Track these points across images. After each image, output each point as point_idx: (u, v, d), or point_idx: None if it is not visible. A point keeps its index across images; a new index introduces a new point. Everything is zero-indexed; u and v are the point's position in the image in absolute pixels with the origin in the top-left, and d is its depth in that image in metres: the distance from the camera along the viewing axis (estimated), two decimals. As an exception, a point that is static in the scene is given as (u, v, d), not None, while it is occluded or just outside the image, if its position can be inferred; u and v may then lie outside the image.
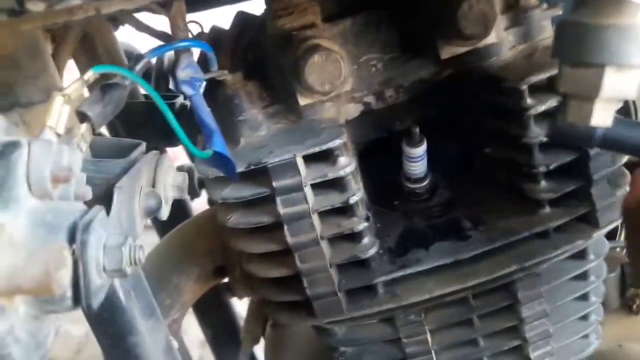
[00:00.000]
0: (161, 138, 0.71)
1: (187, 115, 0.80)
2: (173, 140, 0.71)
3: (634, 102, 0.69)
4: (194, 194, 0.95)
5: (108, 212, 0.39)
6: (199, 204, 0.93)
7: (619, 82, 0.40)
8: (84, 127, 0.38)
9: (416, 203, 0.64)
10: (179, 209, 0.92)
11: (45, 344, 0.34)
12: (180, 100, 0.77)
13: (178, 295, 0.70)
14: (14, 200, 0.30)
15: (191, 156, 0.97)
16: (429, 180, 0.64)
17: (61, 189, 0.34)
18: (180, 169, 0.92)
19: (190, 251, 0.71)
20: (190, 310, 1.04)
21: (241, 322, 0.95)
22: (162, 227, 0.92)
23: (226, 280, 0.72)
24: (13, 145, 0.31)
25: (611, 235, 0.88)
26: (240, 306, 1.02)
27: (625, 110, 0.60)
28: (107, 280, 0.35)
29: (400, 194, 0.65)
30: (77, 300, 0.33)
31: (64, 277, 0.30)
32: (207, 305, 0.94)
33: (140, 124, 0.76)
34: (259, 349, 0.94)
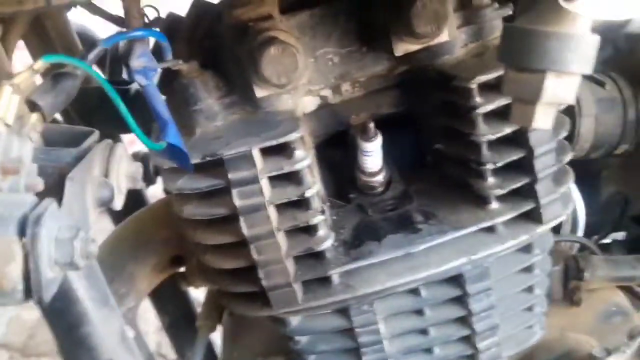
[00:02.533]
0: (116, 124, 0.70)
1: (143, 102, 0.80)
2: (128, 128, 0.70)
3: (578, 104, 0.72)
4: (149, 181, 0.94)
5: (60, 202, 0.39)
6: (155, 191, 0.93)
7: (558, 87, 0.42)
8: (34, 116, 0.38)
9: (371, 196, 0.66)
10: (134, 196, 0.90)
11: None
12: (135, 86, 0.76)
13: (133, 283, 0.70)
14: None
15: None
16: (384, 174, 0.65)
17: (11, 181, 0.34)
18: (136, 155, 0.91)
19: (146, 239, 0.70)
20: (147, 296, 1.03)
21: (198, 309, 0.95)
22: (117, 215, 0.90)
23: (183, 269, 0.72)
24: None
25: (556, 230, 0.93)
26: (197, 293, 1.02)
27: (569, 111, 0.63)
28: (59, 273, 0.35)
29: (355, 187, 0.66)
30: (28, 293, 0.33)
31: (14, 271, 0.30)
32: (164, 293, 0.94)
33: (94, 110, 0.74)
34: (216, 337, 0.95)
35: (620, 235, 1.01)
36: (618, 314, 0.82)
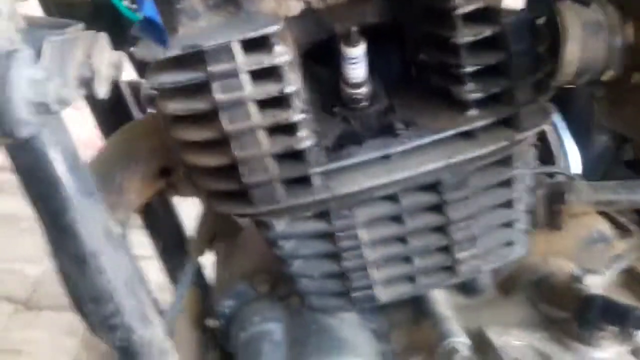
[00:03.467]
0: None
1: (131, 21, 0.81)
2: (119, 44, 0.71)
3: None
4: (142, 110, 0.96)
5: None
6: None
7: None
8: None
9: (355, 109, 0.67)
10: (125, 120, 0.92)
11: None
12: (126, 4, 0.77)
13: (122, 194, 0.72)
14: None
15: (140, 71, 0.98)
16: (368, 87, 0.66)
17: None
18: (130, 84, 0.92)
19: (134, 150, 0.72)
20: (150, 257, 1.05)
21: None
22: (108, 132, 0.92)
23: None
24: None
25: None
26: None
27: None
28: (36, 116, 0.37)
29: (340, 100, 0.67)
30: (1, 127, 0.34)
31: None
32: (156, 218, 0.97)
33: (86, 24, 0.75)
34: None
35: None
36: (600, 241, 0.84)
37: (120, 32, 0.80)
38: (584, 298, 0.73)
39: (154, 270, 1.12)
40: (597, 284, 0.77)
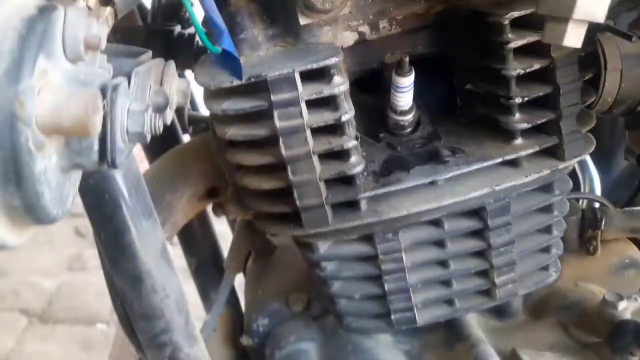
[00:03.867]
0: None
1: (183, 44, 0.84)
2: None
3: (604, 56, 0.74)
4: (184, 129, 0.98)
5: (126, 93, 0.42)
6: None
7: (590, 4, 0.45)
8: (108, 10, 0.41)
9: (400, 136, 0.69)
10: (171, 142, 0.95)
11: (66, 202, 0.38)
12: (178, 29, 0.80)
13: (170, 213, 0.74)
14: (53, 53, 0.34)
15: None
16: (414, 114, 0.68)
17: (90, 57, 0.38)
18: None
19: (185, 171, 0.74)
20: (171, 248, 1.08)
21: (224, 255, 1.00)
22: (153, 155, 0.95)
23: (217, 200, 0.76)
24: (51, 7, 0.34)
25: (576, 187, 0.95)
26: (223, 243, 1.06)
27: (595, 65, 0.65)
28: (129, 145, 0.39)
29: (386, 127, 0.69)
30: (102, 155, 0.36)
31: (99, 121, 0.33)
32: (193, 236, 0.98)
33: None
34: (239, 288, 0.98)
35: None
36: (631, 267, 0.85)
37: (171, 56, 0.83)
38: (616, 323, 0.74)
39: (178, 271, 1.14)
40: (629, 309, 0.79)
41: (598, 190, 1.13)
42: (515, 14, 0.58)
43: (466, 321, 0.79)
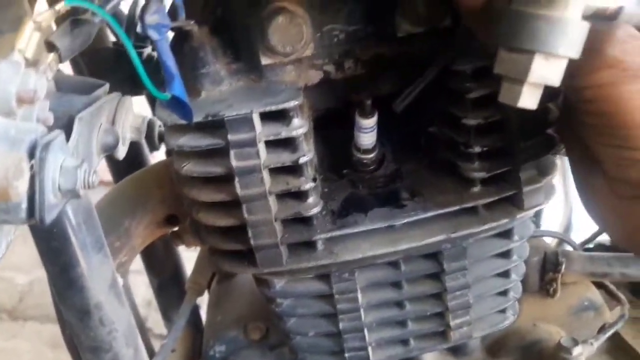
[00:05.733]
0: (127, 85, 0.73)
1: (152, 67, 0.82)
2: (138, 89, 0.73)
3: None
4: (153, 147, 0.97)
5: (67, 140, 0.41)
6: (158, 159, 0.96)
7: (545, 69, 0.45)
8: (51, 56, 0.40)
9: (363, 173, 0.69)
10: (139, 161, 0.94)
11: (-4, 252, 0.37)
12: (147, 50, 0.78)
13: (128, 238, 0.73)
14: (-21, 112, 0.33)
15: (152, 107, 0.99)
16: (377, 152, 0.68)
17: (24, 111, 0.37)
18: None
19: (144, 197, 0.73)
20: (139, 269, 1.07)
21: (188, 275, 0.98)
22: (119, 178, 0.93)
23: (176, 229, 0.75)
24: (-18, 62, 0.34)
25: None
26: (187, 261, 1.05)
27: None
28: (62, 200, 0.38)
29: (349, 163, 0.69)
30: (31, 213, 0.35)
31: (21, 186, 0.32)
32: (156, 255, 0.97)
33: (107, 69, 0.77)
34: (203, 308, 0.98)
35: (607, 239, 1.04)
36: (590, 309, 0.86)
37: (138, 80, 0.82)
38: (570, 369, 0.74)
39: (143, 285, 1.12)
40: (584, 354, 0.79)
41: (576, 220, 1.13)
42: (479, 62, 0.58)
43: (422, 359, 0.79)
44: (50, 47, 0.41)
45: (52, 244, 0.55)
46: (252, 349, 0.81)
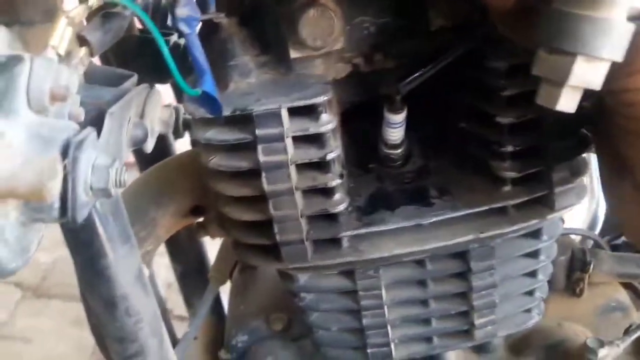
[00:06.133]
0: (152, 73, 0.72)
1: (178, 55, 0.82)
2: (163, 77, 0.72)
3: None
4: (177, 134, 0.96)
5: (98, 135, 0.41)
6: (182, 145, 0.96)
7: (587, 71, 0.43)
8: (83, 51, 0.40)
9: (390, 168, 0.68)
10: (163, 148, 0.94)
11: (28, 250, 0.37)
12: (174, 38, 0.78)
13: (153, 228, 0.73)
14: (14, 111, 0.32)
15: (179, 96, 0.99)
16: (405, 148, 0.67)
17: (57, 107, 0.36)
18: (167, 107, 0.94)
19: (170, 187, 0.73)
20: (160, 252, 1.08)
21: (211, 263, 0.99)
22: (144, 165, 0.94)
23: (201, 219, 0.75)
24: (16, 59, 0.33)
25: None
26: (211, 249, 1.06)
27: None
28: (93, 199, 0.38)
29: (376, 158, 0.68)
30: (63, 212, 0.35)
31: (55, 187, 0.32)
32: (180, 243, 0.98)
33: (133, 57, 0.76)
34: (224, 295, 0.98)
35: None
36: (618, 310, 0.84)
37: (164, 68, 0.82)
38: (596, 370, 0.73)
39: (163, 267, 1.13)
40: (610, 356, 0.78)
41: (602, 217, 1.11)
42: (514, 60, 0.56)
43: (445, 357, 0.78)
44: (83, 41, 0.40)
45: (80, 235, 0.56)
46: (275, 340, 0.81)
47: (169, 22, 0.42)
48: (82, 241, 0.56)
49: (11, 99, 0.32)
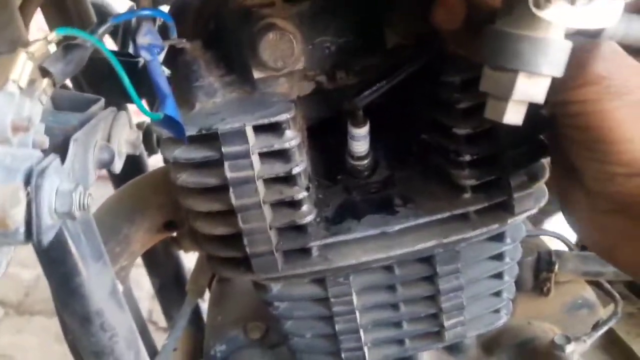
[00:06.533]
0: (123, 94, 0.74)
1: (148, 75, 0.83)
2: (136, 93, 0.74)
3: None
4: (151, 151, 0.98)
5: (63, 161, 0.43)
6: (157, 161, 0.97)
7: (529, 87, 0.46)
8: (45, 81, 0.42)
9: (357, 179, 0.70)
10: (136, 164, 0.95)
11: (-2, 271, 0.39)
12: (143, 60, 0.79)
13: (127, 244, 0.75)
14: (-24, 143, 0.34)
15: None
16: (370, 159, 0.69)
17: (20, 137, 0.38)
18: (140, 126, 0.95)
19: (143, 203, 0.75)
20: (143, 265, 1.08)
21: (188, 275, 1.00)
22: (118, 181, 0.95)
23: (175, 234, 0.76)
24: (-22, 94, 0.35)
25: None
26: (188, 260, 1.07)
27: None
28: (58, 221, 0.39)
29: (344, 169, 0.70)
30: (29, 236, 0.37)
31: (18, 214, 0.34)
32: (156, 257, 0.99)
33: (103, 79, 0.78)
34: (204, 304, 1.00)
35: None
36: (584, 307, 0.87)
37: (137, 84, 0.83)
38: (563, 366, 0.76)
39: (147, 279, 1.14)
40: (577, 351, 0.81)
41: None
42: (466, 74, 0.59)
43: (418, 358, 0.80)
44: (45, 72, 0.42)
45: (52, 254, 0.57)
46: (253, 348, 0.83)
47: (131, 50, 0.44)
48: (54, 260, 0.57)
49: (-26, 132, 0.34)
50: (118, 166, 0.55)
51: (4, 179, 0.34)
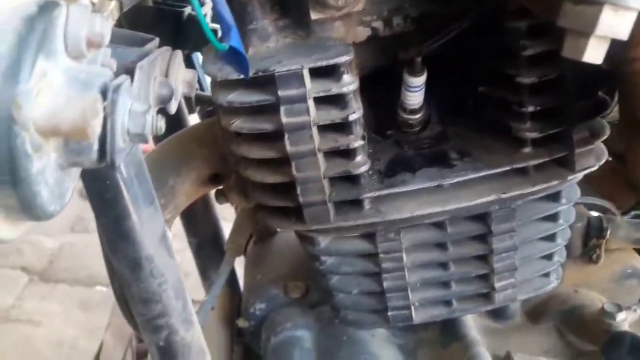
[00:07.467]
0: (167, 43, 0.73)
1: (192, 26, 0.82)
2: (177, 47, 0.73)
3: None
4: (190, 109, 0.97)
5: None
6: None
7: (614, 21, 0.43)
8: (113, 4, 0.40)
9: (409, 134, 0.68)
10: (177, 121, 0.94)
11: (65, 196, 0.37)
12: (188, 10, 0.78)
13: (172, 196, 0.74)
14: (53, 53, 0.33)
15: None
16: (423, 113, 0.67)
17: (92, 55, 0.37)
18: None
19: (188, 156, 0.73)
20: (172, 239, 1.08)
21: (225, 236, 1.00)
22: (157, 138, 0.94)
23: (220, 187, 0.75)
24: (53, 4, 0.33)
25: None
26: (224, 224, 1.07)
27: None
28: (129, 144, 0.38)
29: (394, 124, 0.68)
30: (102, 155, 0.36)
31: (97, 125, 0.32)
32: (195, 216, 0.98)
33: (147, 28, 0.77)
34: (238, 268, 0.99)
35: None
36: (634, 277, 0.85)
37: (181, 35, 0.82)
38: (613, 334, 0.74)
39: (178, 257, 1.14)
40: (627, 320, 0.78)
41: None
42: (534, 20, 0.56)
43: (463, 321, 0.79)
44: (112, -6, 0.40)
45: (105, 196, 0.56)
46: (292, 307, 0.82)
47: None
48: (106, 201, 0.56)
49: (51, 41, 0.33)
50: (174, 106, 0.54)
51: (82, 91, 0.33)
